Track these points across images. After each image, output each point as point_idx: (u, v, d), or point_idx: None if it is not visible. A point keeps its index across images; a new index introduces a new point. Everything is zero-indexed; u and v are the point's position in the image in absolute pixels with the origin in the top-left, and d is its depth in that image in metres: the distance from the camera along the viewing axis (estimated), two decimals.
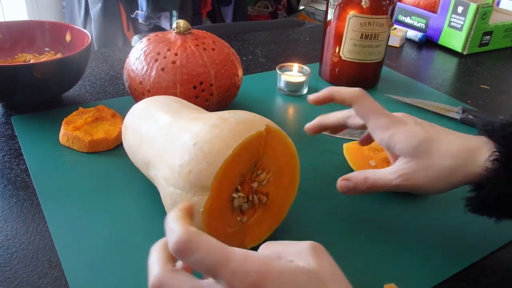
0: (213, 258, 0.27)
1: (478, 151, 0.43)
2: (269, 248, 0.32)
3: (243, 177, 0.42)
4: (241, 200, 0.43)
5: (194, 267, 0.28)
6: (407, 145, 0.45)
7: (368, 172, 0.47)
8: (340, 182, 0.49)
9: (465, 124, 0.75)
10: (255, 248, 0.35)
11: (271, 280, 0.27)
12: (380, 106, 0.49)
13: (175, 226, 0.29)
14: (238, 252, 0.28)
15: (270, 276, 0.27)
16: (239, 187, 0.42)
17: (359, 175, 0.47)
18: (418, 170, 0.44)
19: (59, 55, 0.77)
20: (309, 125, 0.55)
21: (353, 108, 0.50)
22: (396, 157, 0.47)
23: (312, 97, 0.51)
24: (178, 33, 0.65)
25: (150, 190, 0.54)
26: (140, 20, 2.01)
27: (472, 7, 1.05)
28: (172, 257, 0.30)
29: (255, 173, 0.44)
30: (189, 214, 0.31)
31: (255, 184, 0.44)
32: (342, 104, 0.50)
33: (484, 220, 0.44)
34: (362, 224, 0.52)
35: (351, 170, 0.60)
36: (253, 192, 0.44)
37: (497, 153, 0.41)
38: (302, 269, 0.29)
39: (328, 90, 0.50)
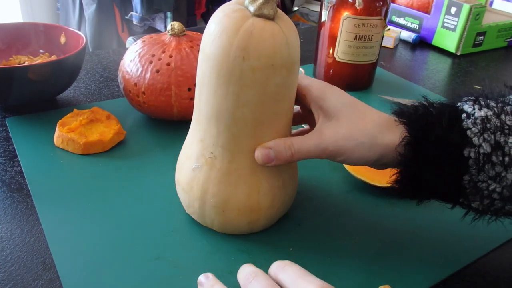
0: None
1: (395, 128, 0.43)
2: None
3: None
4: None
5: None
6: (337, 102, 0.44)
7: (291, 138, 0.44)
8: (261, 151, 0.43)
9: None
10: None
11: None
12: None
13: None
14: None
15: None
16: None
17: (282, 142, 0.44)
18: (344, 133, 0.43)
19: (53, 57, 0.77)
20: None
21: None
22: (318, 118, 0.46)
23: None
24: (172, 35, 0.65)
25: (144, 192, 0.55)
26: (135, 21, 2.01)
27: (465, 7, 1.06)
28: None
29: None
30: None
31: None
32: None
33: (479, 222, 0.44)
34: (357, 225, 0.52)
35: (347, 172, 0.60)
36: None
37: (408, 137, 0.41)
38: None
39: None
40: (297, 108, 0.52)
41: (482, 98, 0.42)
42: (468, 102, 0.42)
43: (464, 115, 0.41)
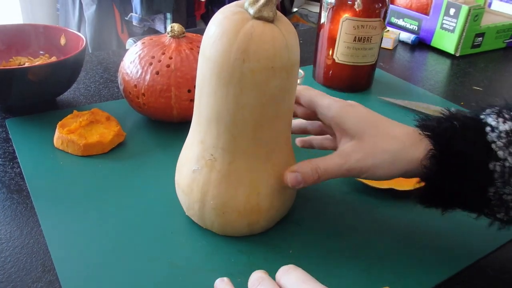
0: None
1: (419, 142, 0.43)
2: None
3: None
4: None
5: None
6: (357, 122, 0.45)
7: (316, 160, 0.45)
8: (289, 175, 0.45)
9: None
10: None
11: None
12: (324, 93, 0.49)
13: None
14: None
15: None
16: None
17: (308, 165, 0.45)
18: (366, 151, 0.44)
19: (53, 58, 0.77)
20: None
21: (300, 101, 0.50)
22: (340, 138, 0.47)
23: None
24: (172, 36, 0.65)
25: (144, 194, 0.55)
26: (134, 22, 2.01)
27: (464, 9, 1.06)
28: None
29: None
30: None
31: None
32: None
33: (478, 222, 0.44)
34: (357, 226, 0.52)
35: None
36: None
37: (433, 150, 0.42)
38: None
39: None
40: (318, 122, 0.53)
41: (506, 110, 0.42)
42: (491, 115, 0.42)
43: (488, 128, 0.41)
